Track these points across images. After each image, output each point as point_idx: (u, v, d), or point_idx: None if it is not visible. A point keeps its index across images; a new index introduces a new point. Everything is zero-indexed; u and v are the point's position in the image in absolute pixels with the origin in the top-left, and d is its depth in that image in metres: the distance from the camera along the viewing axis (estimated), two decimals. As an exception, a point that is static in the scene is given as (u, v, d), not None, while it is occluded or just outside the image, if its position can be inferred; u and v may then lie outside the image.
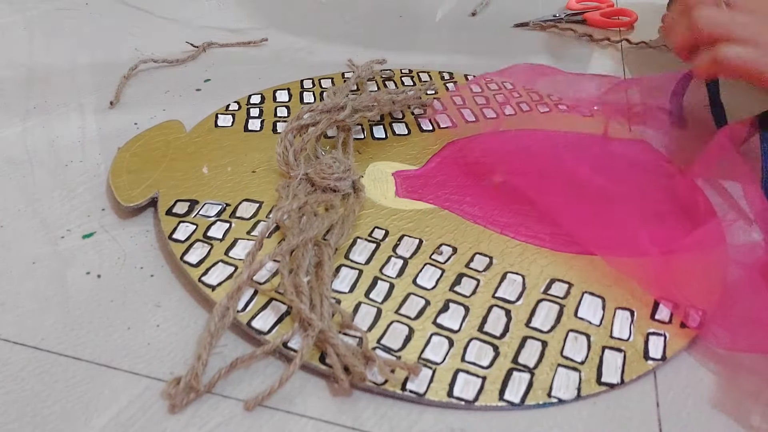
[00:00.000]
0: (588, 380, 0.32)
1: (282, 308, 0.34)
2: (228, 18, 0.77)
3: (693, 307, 0.35)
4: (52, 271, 0.38)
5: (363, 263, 0.38)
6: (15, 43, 0.67)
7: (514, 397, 0.31)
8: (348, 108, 0.48)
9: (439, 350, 0.33)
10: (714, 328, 0.34)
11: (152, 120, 0.52)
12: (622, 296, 0.36)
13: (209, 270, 0.37)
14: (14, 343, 0.33)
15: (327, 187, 0.42)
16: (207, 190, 0.43)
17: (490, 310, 0.35)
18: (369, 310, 0.35)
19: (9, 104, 0.55)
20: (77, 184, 0.45)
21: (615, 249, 0.38)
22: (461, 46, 0.72)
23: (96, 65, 0.63)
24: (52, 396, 0.30)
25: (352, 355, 0.31)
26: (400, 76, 0.60)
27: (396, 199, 0.44)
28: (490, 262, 0.39)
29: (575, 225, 0.39)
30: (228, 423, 0.30)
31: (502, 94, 0.56)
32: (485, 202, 0.43)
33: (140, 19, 0.74)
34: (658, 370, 0.33)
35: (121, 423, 0.29)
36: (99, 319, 0.34)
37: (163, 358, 0.32)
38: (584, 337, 0.34)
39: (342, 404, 0.31)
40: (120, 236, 0.40)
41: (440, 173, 0.46)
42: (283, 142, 0.45)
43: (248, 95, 0.55)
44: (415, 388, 0.31)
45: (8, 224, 0.41)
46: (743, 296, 0.35)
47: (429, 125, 0.53)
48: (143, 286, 0.37)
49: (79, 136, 0.51)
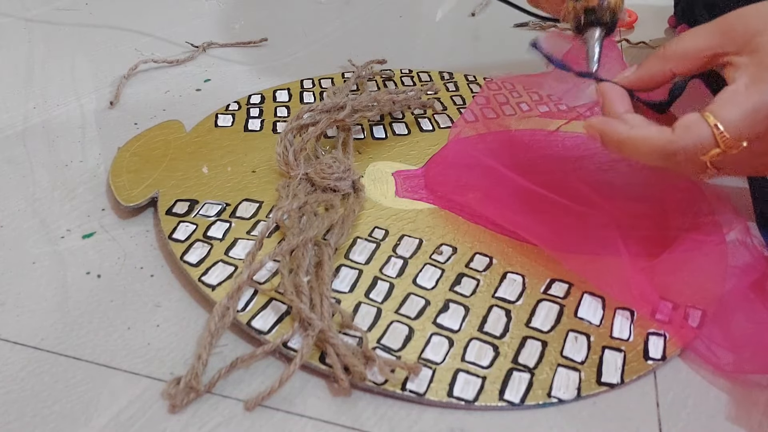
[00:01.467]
0: (588, 380, 0.32)
1: (282, 308, 0.34)
2: (228, 18, 0.77)
3: (693, 307, 0.35)
4: (52, 271, 0.38)
5: (363, 263, 0.38)
6: (15, 42, 0.67)
7: (514, 397, 0.31)
8: (348, 108, 0.48)
9: (439, 350, 0.33)
10: (716, 349, 0.33)
11: (152, 120, 0.52)
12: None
13: (209, 270, 0.37)
14: (14, 343, 0.33)
15: (327, 187, 0.42)
16: (207, 189, 0.43)
17: (490, 310, 0.35)
18: (369, 310, 0.35)
19: (9, 104, 0.55)
20: (77, 184, 0.45)
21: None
22: (461, 46, 0.72)
23: (96, 65, 0.63)
24: (52, 396, 0.30)
25: (352, 355, 0.31)
26: (400, 76, 0.60)
27: (396, 199, 0.44)
28: (490, 262, 0.39)
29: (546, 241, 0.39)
30: (228, 423, 0.29)
31: (502, 94, 0.56)
32: (485, 202, 0.43)
33: (140, 19, 0.74)
34: (658, 370, 0.33)
35: (121, 423, 0.29)
36: (99, 319, 0.34)
37: (163, 358, 0.32)
38: (584, 337, 0.34)
39: (342, 404, 0.31)
40: (120, 236, 0.40)
41: (440, 173, 0.46)
42: (283, 142, 0.45)
43: (248, 95, 0.55)
44: (415, 388, 0.31)
45: (8, 224, 0.41)
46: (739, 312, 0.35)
47: (429, 125, 0.53)
48: (143, 286, 0.37)
49: (79, 136, 0.51)
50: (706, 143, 0.30)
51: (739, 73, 0.31)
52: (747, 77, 0.30)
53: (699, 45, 0.32)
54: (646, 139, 0.31)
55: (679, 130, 0.30)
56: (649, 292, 0.36)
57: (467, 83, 0.60)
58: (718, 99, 0.30)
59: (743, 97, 0.30)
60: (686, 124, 0.30)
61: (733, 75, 0.31)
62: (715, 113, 0.30)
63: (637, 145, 0.31)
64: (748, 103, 0.29)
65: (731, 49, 0.31)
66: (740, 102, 0.30)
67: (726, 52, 0.31)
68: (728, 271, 0.38)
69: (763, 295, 0.36)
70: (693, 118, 0.30)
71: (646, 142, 0.31)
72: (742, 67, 0.31)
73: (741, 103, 0.30)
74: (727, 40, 0.31)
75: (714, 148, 0.30)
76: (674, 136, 0.30)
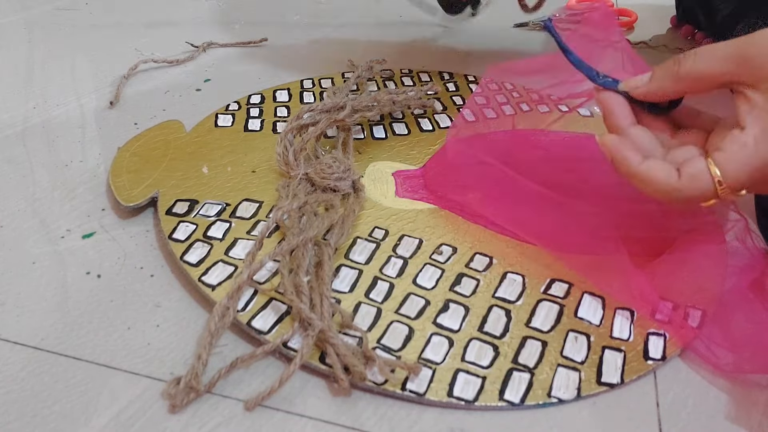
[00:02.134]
0: (588, 380, 0.32)
1: (282, 308, 0.34)
2: (228, 18, 0.77)
3: (693, 307, 0.35)
4: (52, 271, 0.38)
5: (363, 263, 0.38)
6: (15, 43, 0.67)
7: (514, 397, 0.31)
8: (348, 108, 0.48)
9: (439, 350, 0.33)
10: (716, 349, 0.33)
11: (152, 120, 0.52)
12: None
13: (209, 270, 0.37)
14: (14, 343, 0.33)
15: (327, 187, 0.42)
16: (207, 189, 0.43)
17: (490, 310, 0.35)
18: (369, 310, 0.35)
19: (9, 104, 0.55)
20: (77, 184, 0.45)
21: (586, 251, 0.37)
22: (461, 46, 0.72)
23: (96, 65, 0.63)
24: (52, 396, 0.30)
25: (352, 354, 0.31)
26: (400, 76, 0.60)
27: (396, 199, 0.44)
28: (490, 262, 0.39)
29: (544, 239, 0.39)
30: (228, 423, 0.30)
31: (502, 94, 0.56)
32: (485, 202, 0.43)
33: (140, 19, 0.74)
34: (658, 370, 0.33)
35: (121, 423, 0.29)
36: (99, 319, 0.34)
37: (163, 358, 0.32)
38: (584, 337, 0.34)
39: (342, 404, 0.31)
40: (120, 236, 0.40)
41: (440, 173, 0.46)
42: (283, 142, 0.45)
43: (248, 95, 0.55)
44: (415, 388, 0.31)
45: (8, 224, 0.41)
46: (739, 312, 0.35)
47: (429, 125, 0.53)
48: (143, 286, 0.37)
49: (79, 136, 0.51)
50: (708, 193, 0.31)
51: (751, 118, 0.30)
52: (758, 128, 0.30)
53: (714, 70, 0.32)
54: (654, 181, 0.32)
55: (685, 180, 0.31)
56: (648, 291, 0.36)
57: (467, 83, 0.60)
58: (727, 147, 0.30)
59: (751, 152, 0.30)
60: (693, 174, 0.31)
61: (744, 116, 0.31)
62: (721, 166, 0.30)
63: (645, 182, 0.32)
64: (755, 161, 0.30)
65: (747, 79, 0.31)
66: (747, 159, 0.30)
67: (741, 81, 0.31)
68: (728, 270, 0.38)
69: (762, 294, 0.36)
70: (699, 168, 0.31)
71: (654, 184, 0.32)
72: (755, 109, 0.30)
73: (748, 161, 0.30)
74: (743, 69, 0.31)
75: (714, 198, 0.31)
76: (680, 185, 0.31)
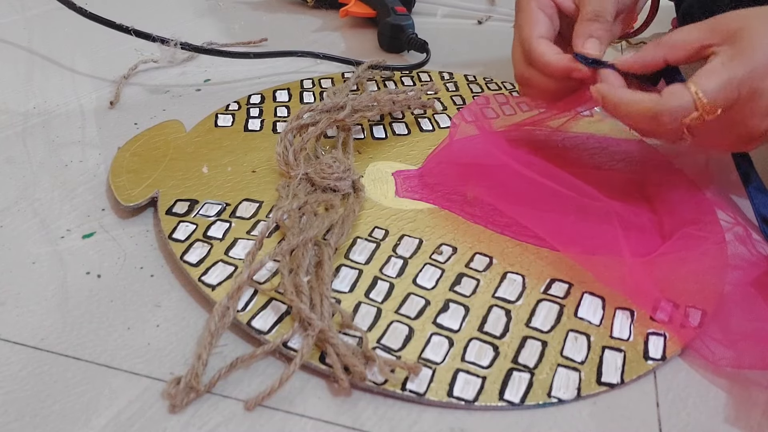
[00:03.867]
0: (588, 380, 0.32)
1: (282, 308, 0.34)
2: (228, 18, 0.77)
3: (693, 306, 0.35)
4: (52, 271, 0.38)
5: (363, 263, 0.38)
6: (15, 43, 0.67)
7: (514, 397, 0.31)
8: (348, 108, 0.48)
9: (439, 350, 0.33)
10: (714, 346, 0.33)
11: (152, 120, 0.52)
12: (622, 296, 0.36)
13: (209, 270, 0.37)
14: (14, 343, 0.33)
15: (327, 187, 0.42)
16: (207, 189, 0.43)
17: (490, 310, 0.35)
18: (369, 310, 0.35)
19: (9, 104, 0.55)
20: (77, 184, 0.45)
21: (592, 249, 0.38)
22: (461, 46, 0.72)
23: (96, 65, 0.63)
24: (52, 396, 0.30)
25: (352, 354, 0.31)
26: (400, 76, 0.60)
27: (396, 199, 0.44)
28: (490, 262, 0.39)
29: (549, 232, 0.39)
30: (228, 423, 0.30)
31: (502, 94, 0.56)
32: (485, 202, 0.43)
33: (140, 19, 0.74)
34: (658, 370, 0.33)
35: (121, 423, 0.29)
36: (99, 319, 0.34)
37: (163, 358, 0.32)
38: (584, 337, 0.34)
39: (342, 404, 0.31)
40: (120, 236, 0.40)
41: (440, 173, 0.46)
42: (283, 142, 0.45)
43: (248, 95, 0.55)
44: (415, 388, 0.31)
45: (8, 224, 0.41)
46: (740, 309, 0.35)
47: (429, 125, 0.53)
48: (143, 286, 0.37)
49: (79, 136, 0.51)
50: (688, 107, 0.35)
51: (717, 55, 0.36)
52: (724, 57, 0.36)
53: (689, 37, 0.38)
54: (638, 101, 0.36)
55: (666, 95, 0.36)
56: (648, 287, 0.36)
57: (467, 83, 0.60)
58: (698, 73, 0.36)
59: (719, 71, 0.35)
60: (671, 91, 0.36)
61: (712, 58, 0.36)
62: (696, 83, 0.35)
63: (630, 106, 0.37)
64: (723, 76, 0.35)
65: (716, 41, 0.36)
66: (717, 75, 0.35)
67: (711, 44, 0.37)
68: (728, 269, 0.38)
69: (763, 292, 0.36)
70: (677, 86, 0.36)
71: (639, 104, 0.36)
72: (721, 52, 0.36)
73: (717, 76, 0.35)
74: (713, 34, 0.37)
75: (693, 111, 0.35)
76: (662, 99, 0.36)
